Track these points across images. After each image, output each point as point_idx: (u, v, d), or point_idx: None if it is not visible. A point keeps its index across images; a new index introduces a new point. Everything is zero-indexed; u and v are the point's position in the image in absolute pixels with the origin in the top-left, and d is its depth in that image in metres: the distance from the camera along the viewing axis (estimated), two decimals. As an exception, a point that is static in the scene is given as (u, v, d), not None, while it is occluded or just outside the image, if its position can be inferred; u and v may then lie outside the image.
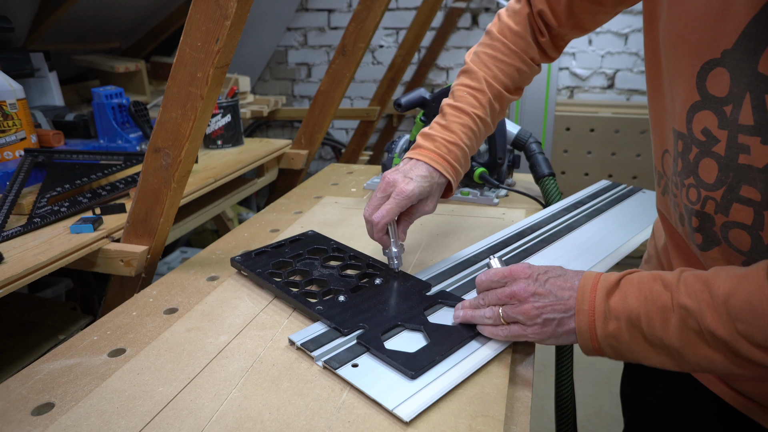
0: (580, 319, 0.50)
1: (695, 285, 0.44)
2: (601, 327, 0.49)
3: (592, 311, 0.49)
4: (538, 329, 0.52)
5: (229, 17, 0.65)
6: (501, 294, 0.54)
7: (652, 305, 0.46)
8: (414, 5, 2.70)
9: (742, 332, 0.42)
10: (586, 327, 0.49)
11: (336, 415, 0.48)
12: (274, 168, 1.49)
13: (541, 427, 1.66)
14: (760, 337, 0.41)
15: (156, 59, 2.07)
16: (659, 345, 0.46)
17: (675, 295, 0.45)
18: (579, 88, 2.66)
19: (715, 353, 0.44)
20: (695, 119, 0.48)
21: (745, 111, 0.43)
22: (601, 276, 0.51)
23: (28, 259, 0.74)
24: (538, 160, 1.07)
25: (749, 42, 0.41)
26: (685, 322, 0.44)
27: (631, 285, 0.48)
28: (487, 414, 0.48)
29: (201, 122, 0.73)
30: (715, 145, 0.47)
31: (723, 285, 0.43)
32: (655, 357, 0.47)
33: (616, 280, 0.50)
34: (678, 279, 0.46)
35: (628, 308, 0.47)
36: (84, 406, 0.49)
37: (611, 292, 0.49)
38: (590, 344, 0.50)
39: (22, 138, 1.09)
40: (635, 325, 0.47)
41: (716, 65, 0.44)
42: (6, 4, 1.42)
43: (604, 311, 0.49)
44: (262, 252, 0.78)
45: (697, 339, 0.44)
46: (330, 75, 1.44)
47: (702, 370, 0.46)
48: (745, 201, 0.46)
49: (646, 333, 0.46)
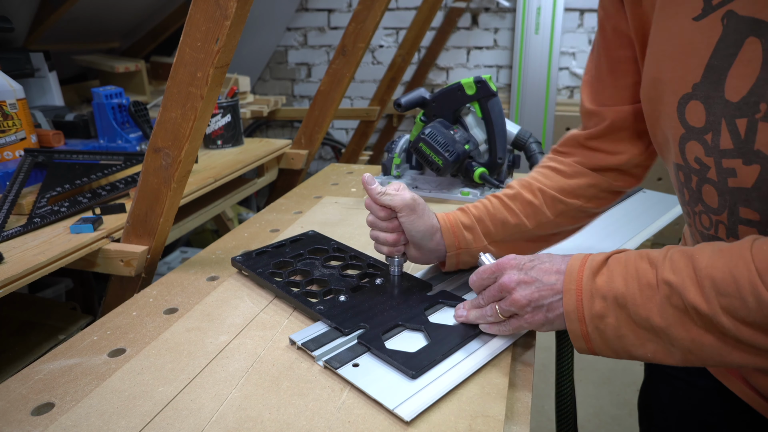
0: (567, 299, 0.49)
1: (680, 261, 0.43)
2: (588, 307, 0.47)
3: (579, 291, 0.48)
4: (531, 317, 0.51)
5: (229, 17, 0.65)
6: (494, 290, 0.55)
7: (637, 283, 0.45)
8: (414, 5, 2.70)
9: (724, 306, 0.40)
10: (574, 307, 0.48)
11: (336, 415, 0.48)
12: (274, 168, 1.49)
13: (541, 427, 1.66)
14: (743, 311, 0.39)
15: (156, 59, 2.07)
16: (646, 327, 0.45)
17: (660, 272, 0.44)
18: (579, 88, 2.66)
19: (703, 334, 0.42)
20: (687, 149, 0.49)
21: (724, 137, 0.45)
22: (588, 257, 0.50)
23: (28, 259, 0.74)
24: (538, 160, 1.06)
25: (713, 74, 0.44)
26: (669, 299, 0.43)
27: (618, 264, 0.47)
28: (487, 414, 0.48)
29: (201, 122, 0.73)
30: (708, 171, 0.48)
31: (706, 258, 0.42)
32: (644, 342, 0.46)
33: (603, 259, 0.49)
34: (664, 256, 0.45)
35: (614, 287, 0.46)
36: (84, 406, 0.49)
37: (597, 271, 0.48)
38: (579, 328, 0.48)
39: (22, 138, 1.09)
40: (621, 305, 0.45)
41: (690, 98, 0.46)
42: (6, 4, 1.42)
43: (591, 290, 0.47)
44: (263, 252, 0.78)
45: (682, 317, 0.43)
46: (330, 75, 1.44)
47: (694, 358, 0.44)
48: (747, 222, 0.47)
49: (632, 313, 0.45)
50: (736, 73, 0.42)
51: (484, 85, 1.03)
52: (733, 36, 0.42)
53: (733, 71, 0.42)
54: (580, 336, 0.49)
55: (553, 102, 2.55)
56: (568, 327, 0.49)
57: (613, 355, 0.48)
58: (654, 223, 0.89)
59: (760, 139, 0.42)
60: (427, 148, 1.00)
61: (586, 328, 0.48)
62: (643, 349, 0.46)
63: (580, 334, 0.49)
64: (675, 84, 0.48)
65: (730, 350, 0.42)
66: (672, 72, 0.48)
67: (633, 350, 0.46)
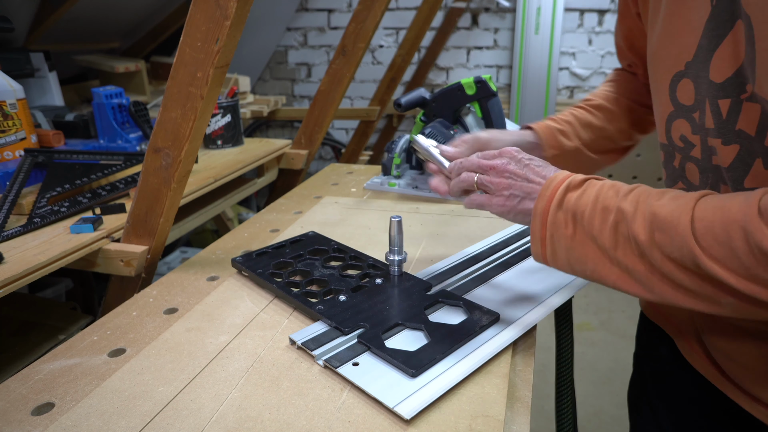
0: (539, 202, 0.52)
1: (641, 195, 0.47)
2: (553, 215, 0.51)
3: (551, 199, 0.52)
4: (502, 201, 0.55)
5: (229, 17, 0.65)
6: (483, 162, 0.58)
7: (598, 205, 0.48)
8: (414, 5, 2.70)
9: (657, 241, 0.44)
10: (541, 210, 0.52)
11: (336, 415, 0.48)
12: (274, 168, 1.49)
13: (541, 427, 1.66)
14: (670, 247, 0.43)
15: (156, 59, 2.07)
16: (595, 242, 0.48)
17: (621, 200, 0.47)
18: (579, 88, 2.66)
19: (638, 262, 0.46)
20: (673, 128, 0.51)
21: (708, 116, 0.46)
22: (572, 175, 0.53)
23: (28, 259, 0.74)
24: (538, 160, 1.07)
25: (703, 53, 0.45)
26: (617, 225, 0.47)
27: (592, 187, 0.51)
28: (487, 414, 0.48)
29: (201, 122, 0.73)
30: (692, 149, 0.51)
31: (661, 200, 0.45)
32: (590, 251, 0.49)
33: (582, 179, 0.52)
34: (631, 188, 0.48)
35: (579, 205, 0.50)
36: (84, 406, 0.49)
37: (573, 188, 0.51)
38: (540, 231, 0.52)
39: (22, 138, 1.09)
40: (578, 220, 0.49)
41: (682, 77, 0.48)
42: (6, 4, 1.42)
43: (560, 201, 0.51)
44: (263, 253, 0.78)
45: (624, 242, 0.46)
46: (330, 75, 1.44)
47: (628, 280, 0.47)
48: None
49: (585, 228, 0.49)
50: (722, 54, 0.44)
51: (484, 85, 1.03)
52: (722, 17, 0.43)
53: (719, 52, 0.44)
54: (539, 238, 0.53)
55: (553, 102, 2.55)
56: (531, 226, 0.53)
57: (562, 265, 0.52)
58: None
59: (742, 119, 0.44)
60: (427, 148, 1.00)
61: (546, 232, 0.52)
62: (587, 263, 0.49)
63: (539, 237, 0.53)
64: (669, 61, 0.49)
65: (656, 281, 0.46)
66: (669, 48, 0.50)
67: (578, 263, 0.50)
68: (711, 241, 0.41)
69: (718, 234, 0.41)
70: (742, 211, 0.40)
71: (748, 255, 0.40)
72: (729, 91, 0.44)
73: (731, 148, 0.45)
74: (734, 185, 0.47)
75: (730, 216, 0.41)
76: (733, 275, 0.41)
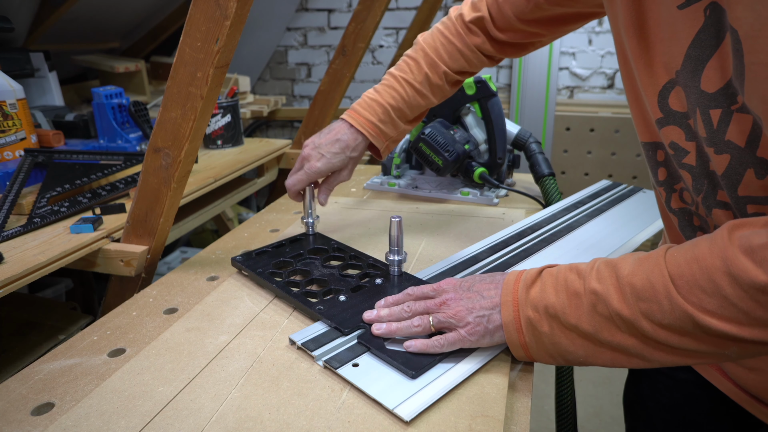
0: (505, 311, 0.51)
1: (605, 271, 0.46)
2: (524, 317, 0.50)
3: (516, 302, 0.50)
4: (471, 328, 0.52)
5: (229, 17, 0.65)
6: (431, 303, 0.55)
7: (566, 293, 0.47)
8: (414, 5, 2.70)
9: (643, 311, 0.43)
10: (511, 318, 0.50)
11: (336, 415, 0.48)
12: (274, 168, 1.49)
13: (541, 427, 1.66)
14: (660, 314, 0.42)
15: (156, 59, 2.07)
16: (577, 332, 0.47)
17: (587, 282, 0.47)
18: (579, 88, 2.66)
19: (627, 337, 0.45)
20: (662, 133, 0.51)
21: (699, 125, 0.46)
22: (524, 272, 0.52)
23: (28, 259, 0.74)
24: (538, 160, 1.07)
25: (691, 63, 0.45)
26: (595, 307, 0.46)
27: (549, 276, 0.50)
28: (487, 414, 0.48)
29: (201, 122, 0.73)
30: (685, 156, 0.50)
31: (627, 267, 0.45)
32: (576, 347, 0.48)
33: (537, 272, 0.51)
34: (591, 267, 0.48)
35: (545, 298, 0.48)
36: (84, 406, 0.49)
37: (532, 284, 0.50)
38: (517, 338, 0.50)
39: (22, 138, 1.09)
40: (552, 314, 0.48)
41: (675, 84, 0.47)
42: (6, 4, 1.42)
43: (525, 301, 0.50)
44: (263, 252, 0.78)
45: (607, 323, 0.45)
46: (330, 75, 1.44)
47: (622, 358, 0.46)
48: (723, 205, 0.48)
49: (563, 321, 0.47)
50: (714, 65, 0.43)
51: (484, 85, 1.03)
52: (714, 27, 0.42)
53: (712, 62, 0.43)
54: (518, 345, 0.51)
55: (553, 102, 2.55)
56: (506, 337, 0.51)
57: (551, 361, 0.51)
58: (654, 223, 0.89)
59: (732, 130, 0.43)
60: (427, 148, 1.00)
61: (524, 337, 0.50)
62: (576, 353, 0.48)
63: (518, 343, 0.51)
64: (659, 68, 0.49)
65: (651, 350, 0.44)
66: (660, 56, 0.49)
67: (567, 354, 0.49)
68: (700, 294, 0.40)
69: (705, 286, 0.40)
70: (716, 256, 0.39)
71: (744, 300, 0.38)
72: (720, 101, 0.43)
73: (723, 157, 0.45)
74: (729, 192, 0.46)
75: (706, 265, 0.40)
76: (735, 325, 0.39)
